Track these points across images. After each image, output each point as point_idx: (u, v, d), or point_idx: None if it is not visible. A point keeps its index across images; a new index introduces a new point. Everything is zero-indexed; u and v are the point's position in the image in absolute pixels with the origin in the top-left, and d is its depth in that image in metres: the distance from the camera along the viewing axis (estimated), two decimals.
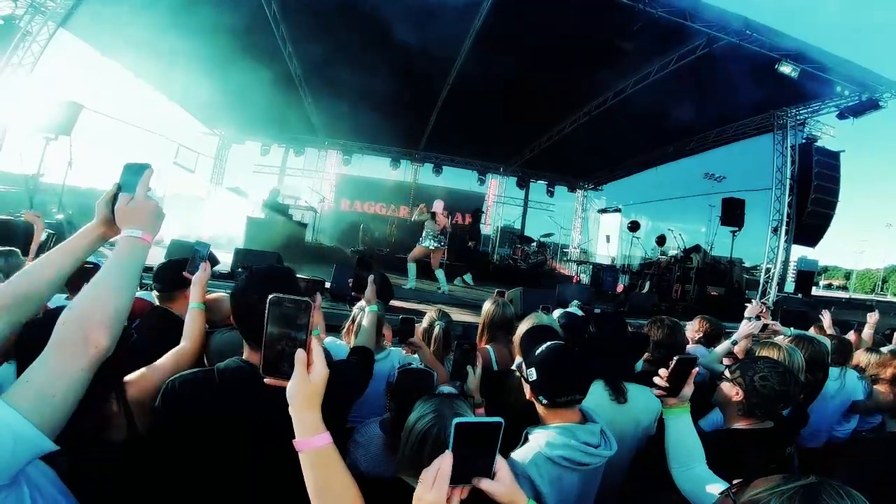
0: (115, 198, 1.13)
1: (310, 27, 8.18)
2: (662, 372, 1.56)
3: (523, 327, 2.29)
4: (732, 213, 9.83)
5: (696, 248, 10.16)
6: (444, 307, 3.00)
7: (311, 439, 0.91)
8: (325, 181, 15.81)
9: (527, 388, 1.54)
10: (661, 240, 11.50)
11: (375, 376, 2.02)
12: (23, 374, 0.86)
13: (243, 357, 1.35)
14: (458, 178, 16.53)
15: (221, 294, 2.83)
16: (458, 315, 5.71)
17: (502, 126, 12.05)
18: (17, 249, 2.71)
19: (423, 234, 7.75)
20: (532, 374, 1.48)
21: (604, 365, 2.00)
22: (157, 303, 2.31)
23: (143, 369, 1.47)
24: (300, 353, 0.90)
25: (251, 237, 9.05)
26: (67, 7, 7.17)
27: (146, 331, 2.01)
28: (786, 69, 7.53)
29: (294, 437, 0.91)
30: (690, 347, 3.02)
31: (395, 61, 8.64)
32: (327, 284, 5.70)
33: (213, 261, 6.18)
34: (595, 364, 1.86)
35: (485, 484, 0.89)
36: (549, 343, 1.54)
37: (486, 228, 17.31)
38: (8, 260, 2.57)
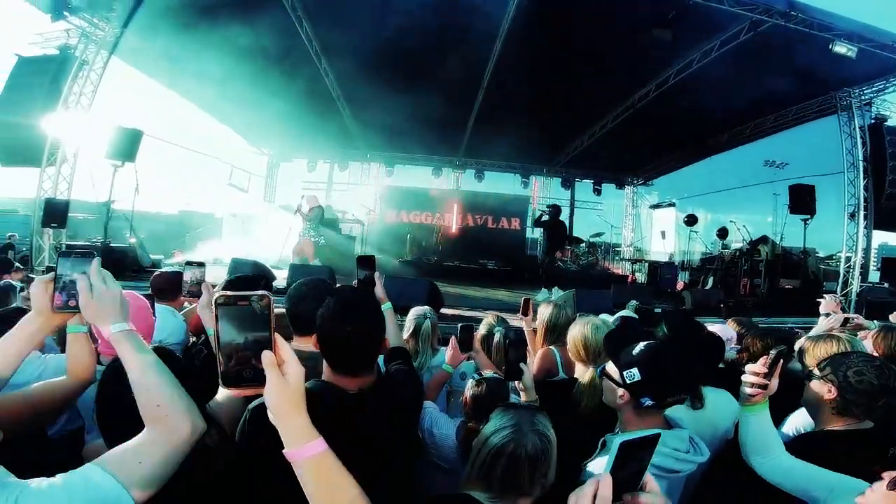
0: (55, 288, 1.05)
1: (341, 42, 8.37)
2: (758, 367, 1.46)
3: (577, 331, 2.17)
4: (802, 201, 9.11)
5: (764, 240, 9.51)
6: (496, 312, 2.95)
7: (305, 447, 0.82)
8: (370, 194, 16.15)
9: (618, 392, 1.45)
10: (722, 233, 10.85)
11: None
12: (131, 454, 0.91)
13: (325, 378, 1.37)
14: (501, 182, 16.36)
15: (279, 310, 2.91)
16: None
17: (542, 126, 11.82)
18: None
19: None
20: (633, 374, 1.40)
21: None
22: None
23: (224, 393, 1.45)
24: (267, 356, 0.78)
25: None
26: (115, 35, 7.53)
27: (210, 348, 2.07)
28: (841, 49, 7.04)
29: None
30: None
31: (428, 69, 8.69)
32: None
33: (270, 277, 6.43)
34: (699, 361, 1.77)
35: (644, 499, 0.80)
36: (648, 342, 1.46)
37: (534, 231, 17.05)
38: None
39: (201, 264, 1.84)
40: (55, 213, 6.94)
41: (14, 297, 2.49)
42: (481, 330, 2.62)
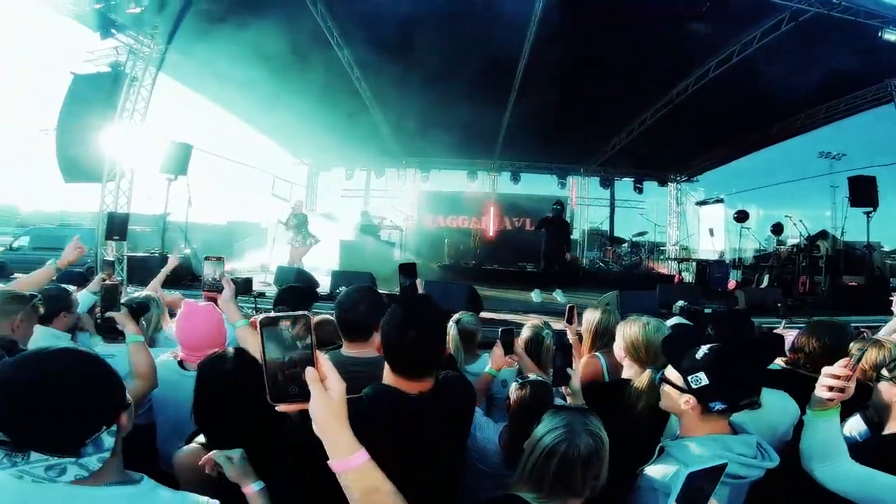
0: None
1: (371, 51, 8.48)
2: (837, 370, 1.36)
3: (634, 331, 2.09)
4: (863, 193, 8.51)
5: (823, 235, 8.95)
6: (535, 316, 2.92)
7: (350, 459, 0.85)
8: (407, 199, 16.34)
9: (682, 398, 1.41)
10: (777, 228, 10.27)
11: None
12: None
13: (386, 382, 1.41)
14: (537, 184, 16.18)
15: (326, 316, 2.99)
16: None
17: (577, 125, 11.63)
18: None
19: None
20: (700, 378, 1.36)
21: None
22: None
23: None
24: (311, 372, 0.81)
25: (345, 259, 9.56)
26: (160, 51, 7.83)
27: None
28: (890, 37, 6.80)
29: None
30: None
31: (459, 73, 8.73)
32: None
33: (313, 284, 6.61)
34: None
35: None
36: (711, 345, 1.42)
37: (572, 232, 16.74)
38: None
39: (220, 259, 1.91)
40: (117, 227, 7.35)
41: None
42: (525, 333, 2.60)
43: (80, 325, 2.71)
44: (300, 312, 0.83)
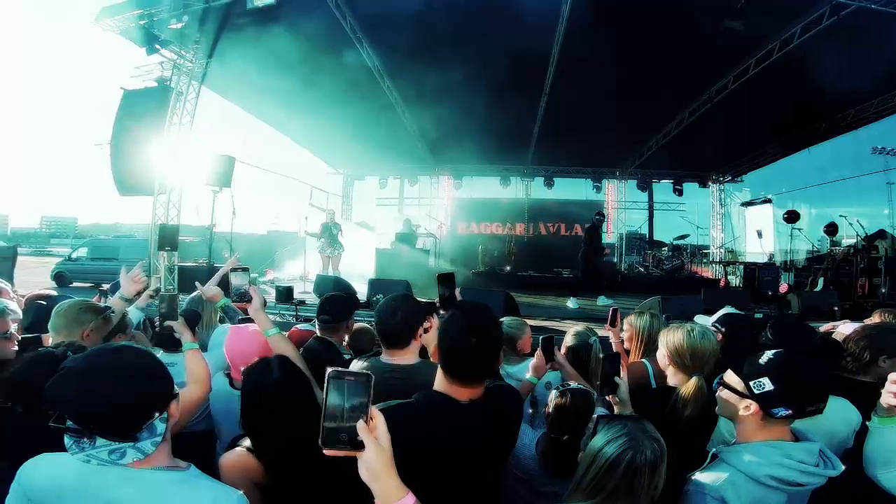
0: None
1: (400, 59, 8.64)
2: None
3: (679, 338, 2.03)
4: None
5: (881, 234, 8.44)
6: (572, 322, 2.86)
7: (401, 502, 0.90)
8: (440, 207, 16.43)
9: (742, 403, 1.39)
10: (831, 228, 9.72)
11: None
12: None
13: (437, 388, 1.43)
14: (572, 189, 15.92)
15: (364, 325, 3.05)
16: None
17: (611, 127, 11.38)
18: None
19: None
20: (763, 384, 1.34)
21: None
22: (318, 333, 2.55)
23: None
24: (363, 425, 0.87)
25: (381, 267, 9.69)
26: (203, 65, 8.12)
27: (310, 358, 2.19)
28: None
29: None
30: None
31: (488, 77, 8.73)
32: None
33: (352, 292, 6.73)
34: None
35: None
36: (778, 350, 1.41)
37: (609, 236, 16.34)
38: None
39: (246, 269, 1.97)
40: (168, 238, 7.72)
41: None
42: (569, 341, 2.56)
43: (136, 341, 2.82)
44: (366, 373, 0.89)
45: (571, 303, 7.84)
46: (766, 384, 1.34)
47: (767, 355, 1.39)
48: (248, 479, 1.42)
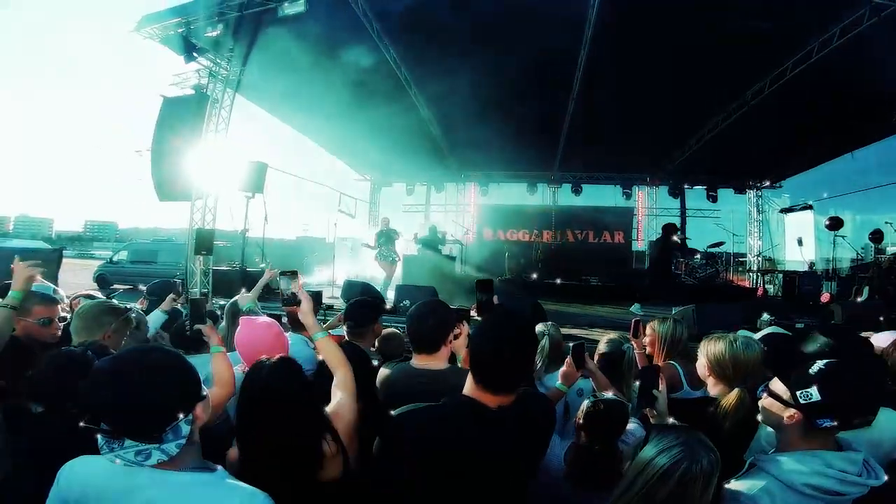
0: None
1: (426, 66, 8.69)
2: None
3: (720, 348, 1.99)
4: None
5: None
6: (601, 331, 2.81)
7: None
8: (467, 213, 16.45)
9: (787, 412, 1.38)
10: (876, 236, 9.30)
11: None
12: None
13: (467, 393, 1.43)
14: (601, 196, 15.75)
15: (393, 330, 3.07)
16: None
17: (642, 133, 11.22)
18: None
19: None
20: (811, 394, 1.33)
21: None
22: (346, 338, 2.58)
23: (336, 403, 1.62)
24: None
25: (408, 274, 9.77)
26: (238, 73, 8.27)
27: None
28: None
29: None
30: None
31: (515, 85, 8.73)
32: (473, 313, 5.79)
33: (378, 297, 6.79)
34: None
35: None
36: (829, 360, 1.39)
37: (640, 244, 16.00)
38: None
39: (294, 273, 2.01)
40: (204, 242, 7.98)
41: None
42: (602, 348, 2.52)
43: (162, 343, 2.86)
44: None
45: (636, 308, 7.72)
46: (814, 394, 1.32)
47: (818, 365, 1.37)
48: None
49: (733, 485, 1.36)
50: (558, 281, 11.53)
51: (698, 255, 11.72)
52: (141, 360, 1.07)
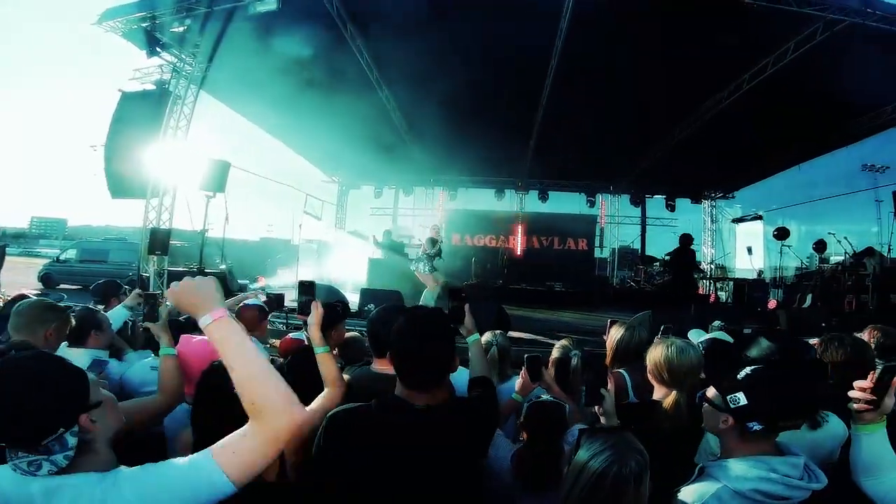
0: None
1: (398, 69, 8.62)
2: (864, 384, 1.40)
3: (659, 353, 2.04)
4: None
5: (869, 252, 8.53)
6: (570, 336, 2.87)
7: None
8: (434, 218, 16.45)
9: (721, 417, 1.42)
10: (820, 246, 9.87)
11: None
12: (231, 442, 1.03)
13: (396, 393, 1.45)
14: (566, 203, 16.10)
15: (355, 334, 3.03)
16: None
17: (606, 142, 11.49)
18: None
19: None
20: (738, 399, 1.37)
21: None
22: (307, 342, 2.52)
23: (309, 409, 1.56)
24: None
25: (373, 277, 9.67)
26: (203, 69, 8.08)
27: (296, 368, 2.16)
28: None
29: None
30: None
31: (486, 91, 8.81)
32: None
33: (344, 301, 6.69)
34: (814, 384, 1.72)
35: None
36: (756, 366, 1.44)
37: (602, 251, 16.45)
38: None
39: (312, 283, 2.00)
40: (159, 242, 7.65)
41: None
42: (555, 353, 2.56)
43: (116, 343, 2.74)
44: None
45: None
46: (741, 399, 1.36)
47: (745, 371, 1.42)
48: None
49: (683, 492, 1.37)
50: (524, 286, 11.69)
51: (657, 263, 12.14)
52: (13, 372, 1.00)
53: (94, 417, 1.04)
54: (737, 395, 1.37)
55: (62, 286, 12.38)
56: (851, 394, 1.43)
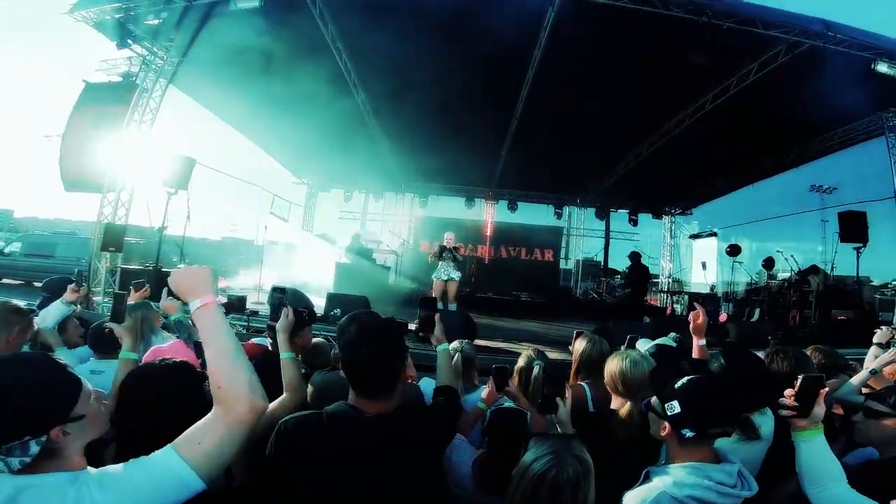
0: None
1: (375, 72, 8.65)
2: (788, 392, 1.49)
3: (614, 365, 2.14)
4: (853, 228, 8.63)
5: (814, 269, 9.07)
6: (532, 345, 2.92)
7: None
8: (404, 224, 16.40)
9: (661, 425, 1.49)
10: (768, 263, 10.43)
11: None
12: (193, 433, 1.02)
13: (349, 402, 1.44)
14: (534, 214, 16.33)
15: (321, 340, 2.99)
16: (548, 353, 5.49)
17: (575, 157, 11.83)
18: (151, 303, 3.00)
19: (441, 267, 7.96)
20: (673, 407, 1.44)
21: None
22: (271, 348, 2.48)
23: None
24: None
25: (340, 282, 9.54)
26: (174, 64, 7.92)
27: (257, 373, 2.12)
28: (883, 68, 6.87)
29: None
30: None
31: (462, 100, 8.87)
32: (411, 326, 5.78)
33: (309, 305, 6.57)
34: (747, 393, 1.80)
35: None
36: (692, 376, 1.50)
37: (566, 262, 16.79)
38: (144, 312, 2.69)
39: (283, 289, 2.04)
40: (113, 238, 7.28)
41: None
42: (520, 362, 2.60)
43: (41, 339, 2.63)
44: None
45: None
46: (676, 407, 1.44)
47: (682, 381, 1.48)
48: None
49: (629, 496, 1.43)
50: (490, 295, 11.79)
51: (618, 276, 12.51)
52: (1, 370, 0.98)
53: (68, 430, 1.00)
54: (673, 402, 1.45)
55: (4, 281, 11.63)
56: (781, 401, 1.51)
